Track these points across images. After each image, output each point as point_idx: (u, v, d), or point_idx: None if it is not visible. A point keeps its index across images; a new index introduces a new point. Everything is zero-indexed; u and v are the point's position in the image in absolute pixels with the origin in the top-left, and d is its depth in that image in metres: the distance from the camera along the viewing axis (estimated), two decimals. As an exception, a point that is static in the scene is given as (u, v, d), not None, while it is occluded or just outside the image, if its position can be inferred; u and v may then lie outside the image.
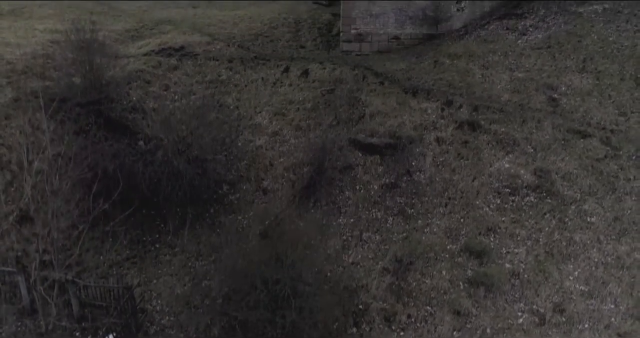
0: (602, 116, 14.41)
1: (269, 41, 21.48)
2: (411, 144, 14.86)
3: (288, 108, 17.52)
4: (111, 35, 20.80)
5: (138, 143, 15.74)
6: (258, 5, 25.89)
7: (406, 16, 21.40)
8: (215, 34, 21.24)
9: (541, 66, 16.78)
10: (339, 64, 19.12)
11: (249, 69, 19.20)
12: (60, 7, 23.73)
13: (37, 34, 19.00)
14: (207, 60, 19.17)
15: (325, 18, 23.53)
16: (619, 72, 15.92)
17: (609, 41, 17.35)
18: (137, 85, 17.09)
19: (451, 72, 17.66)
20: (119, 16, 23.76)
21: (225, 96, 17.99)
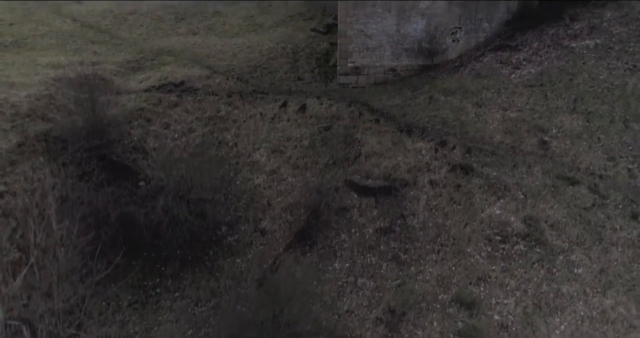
0: (591, 161, 14.78)
1: (267, 73, 21.86)
2: (405, 187, 15.23)
3: (286, 145, 17.90)
4: (112, 68, 21.21)
5: (139, 183, 16.19)
6: (258, 32, 26.31)
7: (402, 48, 21.80)
8: (215, 66, 21.62)
9: (533, 106, 17.15)
10: (336, 98, 19.49)
11: (247, 104, 19.58)
12: (62, 36, 24.12)
13: (40, 70, 19.37)
14: (207, 95, 19.55)
15: (323, 47, 23.91)
16: (609, 113, 16.29)
17: (600, 80, 17.71)
18: (138, 124, 17.47)
19: (445, 110, 18.04)
20: (119, 45, 24.13)
21: (224, 133, 18.38)
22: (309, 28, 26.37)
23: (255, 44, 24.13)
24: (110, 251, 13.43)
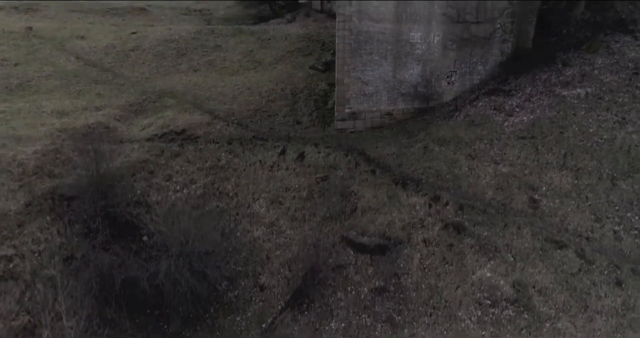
0: (579, 222, 15.31)
1: (266, 116, 22.41)
2: (399, 245, 15.76)
3: (284, 196, 18.44)
4: (115, 113, 21.75)
5: (143, 238, 16.75)
6: (257, 69, 26.87)
7: (398, 93, 22.37)
8: (216, 111, 22.17)
9: (524, 160, 17.68)
10: (333, 146, 20.04)
11: (247, 151, 20.12)
12: (66, 77, 24.68)
13: (46, 119, 19.90)
14: (208, 143, 20.10)
15: (321, 88, 24.46)
16: (597, 169, 16.82)
17: (590, 133, 18.25)
18: (141, 176, 18.00)
19: (439, 161, 18.57)
20: (122, 85, 24.69)
21: (224, 182, 18.92)
22: (308, 65, 26.94)
23: (255, 84, 24.69)
24: (114, 311, 14.03)
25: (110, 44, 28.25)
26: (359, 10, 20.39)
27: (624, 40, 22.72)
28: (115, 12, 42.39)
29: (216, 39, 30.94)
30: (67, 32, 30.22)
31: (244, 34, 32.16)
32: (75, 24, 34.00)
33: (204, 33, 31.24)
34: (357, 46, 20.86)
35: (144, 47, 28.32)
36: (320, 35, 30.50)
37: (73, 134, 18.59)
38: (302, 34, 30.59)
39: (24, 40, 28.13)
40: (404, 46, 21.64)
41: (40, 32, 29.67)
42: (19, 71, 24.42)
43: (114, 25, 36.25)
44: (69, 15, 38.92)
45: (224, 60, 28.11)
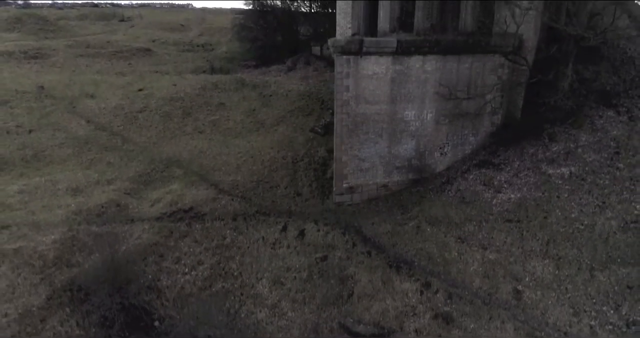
0: (558, 316, 16.51)
1: (269, 188, 23.67)
2: (393, 334, 17.00)
3: (286, 276, 19.66)
4: (126, 186, 23.02)
5: (154, 324, 18.00)
6: (260, 132, 28.15)
7: (394, 166, 23.64)
8: (220, 183, 23.44)
9: (510, 246, 18.91)
10: (332, 223, 21.30)
11: (250, 227, 21.39)
12: (78, 144, 25.94)
13: (61, 198, 21.16)
14: (214, 220, 21.35)
15: (320, 155, 25.73)
16: (577, 259, 18.04)
17: (571, 218, 19.48)
18: (152, 260, 19.25)
19: (431, 243, 19.81)
20: (131, 152, 25.97)
21: (229, 262, 20.15)
22: (308, 126, 28.23)
23: (258, 150, 25.95)
24: None
25: (118, 105, 29.51)
26: (356, 95, 21.67)
27: (607, 115, 23.99)
28: (122, 55, 43.72)
29: (220, 94, 32.23)
30: (76, 89, 31.48)
31: (246, 88, 33.47)
32: (84, 76, 35.29)
33: (208, 89, 32.54)
34: (355, 127, 22.14)
35: (151, 107, 29.58)
36: (320, 91, 31.79)
37: (87, 217, 19.82)
38: (302, 91, 31.86)
39: (37, 102, 29.40)
40: (398, 124, 22.92)
41: (51, 91, 30.95)
42: (34, 139, 25.67)
43: (120, 73, 37.60)
44: (77, 61, 40.23)
45: (228, 120, 29.37)
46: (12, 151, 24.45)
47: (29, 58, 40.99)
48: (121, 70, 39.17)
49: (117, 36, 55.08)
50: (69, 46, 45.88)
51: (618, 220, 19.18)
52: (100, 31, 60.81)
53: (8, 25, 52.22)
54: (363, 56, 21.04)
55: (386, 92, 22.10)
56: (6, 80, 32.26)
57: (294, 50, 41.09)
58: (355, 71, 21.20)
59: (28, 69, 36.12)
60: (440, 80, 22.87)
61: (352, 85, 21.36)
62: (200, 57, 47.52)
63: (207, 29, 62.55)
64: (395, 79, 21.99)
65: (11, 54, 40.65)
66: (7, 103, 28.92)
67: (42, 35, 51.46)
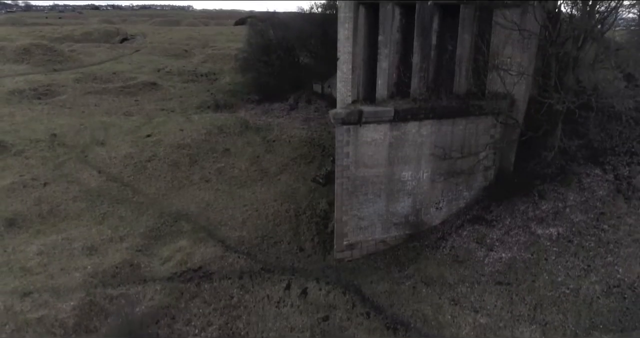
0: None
1: (273, 243, 24.93)
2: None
3: (290, 336, 20.91)
4: (137, 243, 24.30)
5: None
6: (264, 181, 29.44)
7: (391, 223, 24.91)
8: (227, 239, 24.71)
9: (500, 310, 20.12)
10: (333, 282, 22.54)
11: (256, 285, 22.64)
12: (90, 197, 27.23)
13: (77, 259, 22.42)
14: (221, 279, 22.61)
15: (321, 208, 27.00)
16: (562, 324, 19.24)
17: (558, 282, 20.71)
18: (164, 323, 20.49)
19: (426, 304, 21.02)
20: (141, 204, 27.25)
21: (237, 321, 21.38)
22: (310, 175, 29.52)
23: (262, 203, 27.24)
24: None
25: (128, 154, 30.82)
26: (355, 160, 22.95)
27: (594, 173, 25.26)
28: (128, 90, 45.07)
29: (225, 139, 33.57)
30: (87, 136, 32.82)
31: (250, 131, 34.81)
32: (93, 118, 36.64)
33: (214, 134, 33.87)
34: (354, 189, 23.42)
35: (160, 155, 30.88)
36: (321, 137, 33.11)
37: (103, 280, 21.12)
38: (304, 136, 33.18)
39: (50, 151, 30.73)
40: (396, 184, 24.20)
41: (63, 138, 32.30)
42: (49, 193, 26.95)
43: (128, 113, 38.95)
44: (86, 99, 41.58)
45: (233, 168, 30.67)
46: (29, 207, 25.72)
47: (39, 95, 42.34)
48: (128, 108, 40.48)
49: (123, 65, 56.42)
50: (76, 80, 47.22)
51: (602, 284, 20.41)
52: (105, 57, 62.19)
53: (17, 57, 53.59)
54: (362, 125, 22.32)
55: (384, 156, 23.37)
56: (20, 127, 33.57)
57: (296, 86, 42.28)
58: (355, 139, 22.49)
59: (39, 111, 37.44)
60: (436, 142, 24.15)
61: (352, 151, 22.64)
62: (204, 89, 48.83)
63: (210, 56, 63.89)
64: (392, 144, 23.27)
65: (22, 92, 41.99)
66: (22, 153, 30.23)
67: (50, 66, 52.82)
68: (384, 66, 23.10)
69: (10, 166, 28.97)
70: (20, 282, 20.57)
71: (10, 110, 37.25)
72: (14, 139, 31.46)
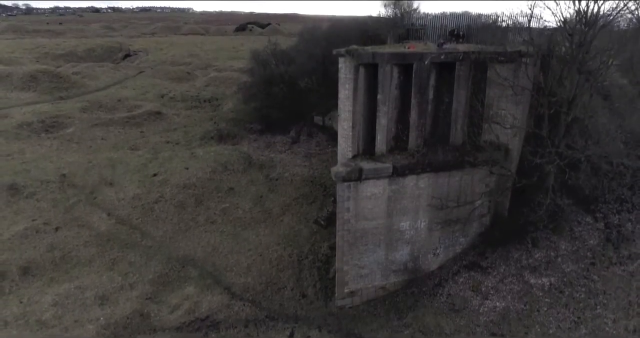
0: None
1: (277, 290, 25.93)
2: None
3: (294, 387, 21.95)
4: (146, 290, 25.30)
5: None
6: (267, 222, 30.47)
7: (390, 270, 25.93)
8: (233, 286, 25.71)
9: (494, 364, 21.16)
10: (334, 331, 23.54)
11: (261, 334, 23.62)
12: (100, 242, 28.23)
13: (91, 309, 23.39)
14: (228, 328, 23.60)
15: (323, 253, 28.02)
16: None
17: (550, 335, 21.73)
18: (176, 375, 21.53)
19: (424, 358, 22.07)
20: (150, 248, 28.26)
21: (244, 373, 22.44)
22: (312, 216, 30.56)
23: (266, 247, 28.26)
24: None
25: (135, 195, 31.85)
26: (356, 214, 23.97)
27: (585, 221, 26.32)
28: (134, 121, 46.16)
29: (229, 177, 34.65)
30: (95, 175, 33.85)
31: (254, 169, 35.91)
32: (100, 154, 37.72)
33: (218, 171, 34.94)
34: (355, 241, 24.44)
35: (166, 196, 31.91)
36: (322, 176, 34.18)
37: (115, 330, 22.15)
38: (306, 175, 34.26)
39: (60, 192, 31.77)
40: (394, 234, 25.22)
41: (72, 178, 33.34)
42: (60, 238, 27.97)
43: (134, 147, 40.01)
44: (93, 132, 42.65)
45: (237, 208, 31.70)
46: (42, 253, 26.74)
47: (47, 127, 43.40)
48: (134, 142, 41.54)
49: (127, 91, 57.52)
50: (83, 110, 48.29)
51: (591, 337, 21.44)
52: (110, 80, 63.26)
53: (24, 84, 54.65)
54: (362, 181, 23.35)
55: (383, 209, 24.39)
56: (30, 166, 34.61)
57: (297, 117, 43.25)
58: (355, 194, 23.51)
59: (48, 147, 38.51)
60: (433, 194, 25.17)
61: (353, 206, 23.66)
62: (207, 117, 49.88)
63: (212, 80, 64.97)
64: (391, 197, 24.29)
65: (30, 124, 43.05)
66: (34, 195, 31.27)
67: (57, 93, 53.89)
68: (382, 123, 24.15)
69: (23, 210, 29.99)
70: (37, 336, 21.57)
71: (20, 145, 38.32)
72: (25, 180, 32.46)
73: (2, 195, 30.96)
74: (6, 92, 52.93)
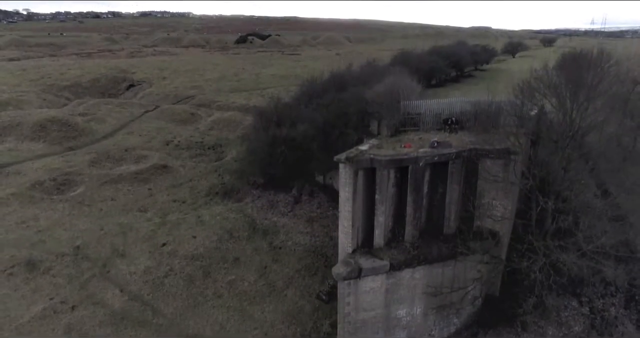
0: None
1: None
2: None
3: None
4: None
5: None
6: (271, 296, 32.11)
7: (389, 352, 27.56)
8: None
9: None
10: None
11: None
12: (114, 320, 29.84)
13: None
14: None
15: (325, 330, 29.62)
16: None
17: None
18: None
19: None
20: (160, 326, 29.89)
21: None
22: (314, 290, 32.20)
23: (271, 325, 29.87)
24: None
25: (147, 268, 33.51)
26: (355, 307, 25.68)
27: (571, 306, 27.98)
28: (142, 176, 47.92)
29: (235, 245, 36.38)
30: (108, 245, 35.56)
31: (258, 236, 37.64)
32: (111, 218, 39.44)
33: (224, 240, 36.66)
34: (355, 330, 26.14)
35: (175, 269, 33.58)
36: (324, 245, 35.94)
37: None
38: (308, 245, 35.98)
39: (75, 266, 33.43)
40: (392, 321, 26.91)
41: (86, 250, 35.03)
42: (77, 319, 29.59)
43: (143, 210, 41.73)
44: (102, 191, 44.39)
45: (243, 281, 33.36)
46: (61, 336, 28.39)
47: (58, 185, 45.15)
48: (143, 202, 43.25)
49: (134, 138, 59.40)
50: (92, 163, 50.13)
51: None
52: (116, 123, 65.26)
53: (33, 134, 56.49)
54: (362, 278, 25.06)
55: (381, 300, 26.09)
56: (45, 236, 36.31)
57: (299, 174, 44.93)
58: (355, 289, 25.22)
59: (61, 212, 40.19)
60: (428, 283, 26.88)
61: (353, 300, 25.37)
62: (212, 169, 51.61)
63: (216, 122, 66.85)
64: (389, 289, 25.99)
65: (42, 184, 44.80)
66: (49, 270, 32.95)
67: (66, 144, 55.76)
68: (380, 220, 25.89)
69: (41, 287, 31.64)
70: None
71: (34, 211, 40.01)
72: (41, 253, 34.16)
73: (21, 271, 32.65)
74: (17, 142, 54.79)
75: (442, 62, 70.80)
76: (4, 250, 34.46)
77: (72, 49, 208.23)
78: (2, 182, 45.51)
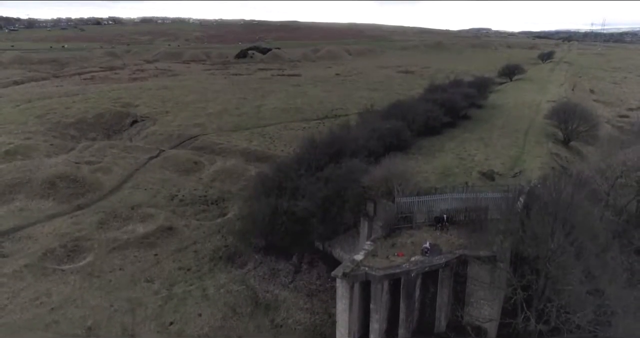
0: None
1: None
2: None
3: None
4: None
5: None
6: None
7: None
8: None
9: None
10: None
11: None
12: None
13: None
14: None
15: None
16: None
17: None
18: None
19: None
20: None
21: None
22: None
23: None
24: None
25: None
26: None
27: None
28: (149, 241, 49.90)
29: (238, 323, 38.23)
30: (118, 326, 37.40)
31: (260, 312, 39.53)
32: (119, 293, 41.34)
33: (228, 318, 38.53)
34: None
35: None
36: (323, 324, 37.76)
37: None
38: (307, 325, 37.81)
39: (86, 348, 35.31)
40: None
41: (97, 330, 36.87)
42: None
43: (149, 281, 43.63)
44: (111, 260, 46.38)
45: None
46: None
47: (68, 252, 47.13)
48: (149, 270, 45.18)
49: (139, 193, 61.42)
50: (100, 224, 52.15)
51: None
52: (123, 172, 67.37)
53: (43, 192, 58.47)
54: (358, 382, 26.98)
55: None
56: (58, 315, 38.17)
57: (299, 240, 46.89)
58: (352, 394, 27.11)
59: (72, 286, 42.03)
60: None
61: None
62: (215, 229, 53.62)
63: (218, 173, 68.86)
64: (383, 391, 27.87)
65: (53, 252, 46.77)
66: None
67: (74, 201, 57.72)
68: (375, 327, 27.84)
69: (55, 375, 33.52)
70: None
71: (47, 286, 41.84)
72: (55, 336, 36.04)
73: (36, 358, 34.52)
74: (27, 201, 56.82)
75: (438, 110, 72.97)
76: (20, 333, 36.31)
77: (74, 66, 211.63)
78: (15, 249, 47.47)
